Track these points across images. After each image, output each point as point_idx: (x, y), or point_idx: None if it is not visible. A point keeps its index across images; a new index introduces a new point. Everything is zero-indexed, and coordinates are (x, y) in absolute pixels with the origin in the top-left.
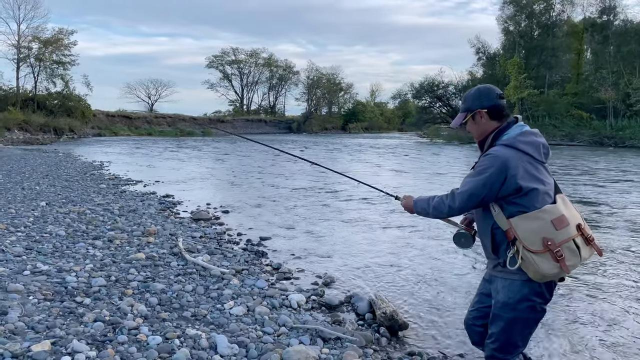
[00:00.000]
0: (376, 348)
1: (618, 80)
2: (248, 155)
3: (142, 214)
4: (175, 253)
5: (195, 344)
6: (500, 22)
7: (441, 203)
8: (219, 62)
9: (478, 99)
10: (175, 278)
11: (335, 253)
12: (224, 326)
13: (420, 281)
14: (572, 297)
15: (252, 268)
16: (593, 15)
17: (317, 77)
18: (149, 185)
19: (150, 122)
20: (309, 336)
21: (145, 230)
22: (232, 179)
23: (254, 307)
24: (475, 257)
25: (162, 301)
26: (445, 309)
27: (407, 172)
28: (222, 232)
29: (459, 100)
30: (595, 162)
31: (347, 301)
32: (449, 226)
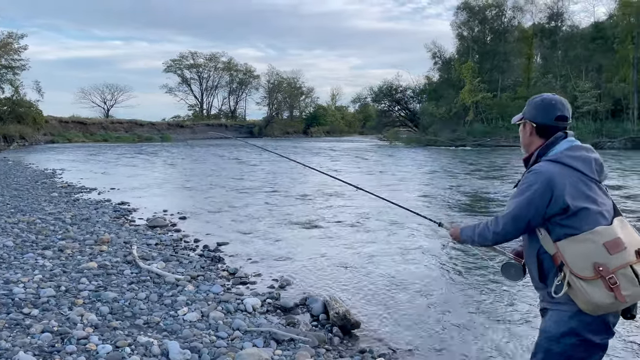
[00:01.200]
0: (329, 347)
1: (566, 84)
2: (206, 160)
3: (96, 222)
4: (129, 261)
5: (146, 351)
6: (455, 28)
7: (485, 229)
8: (177, 66)
9: (535, 110)
10: (129, 286)
11: (292, 256)
12: (177, 332)
13: (375, 281)
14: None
15: (208, 274)
16: (542, 22)
17: (278, 81)
18: (103, 193)
19: (106, 128)
20: (263, 339)
21: (98, 238)
22: (190, 185)
23: (209, 313)
24: (431, 257)
25: (113, 310)
26: (396, 307)
27: (369, 174)
28: (179, 238)
29: (417, 103)
30: None
31: (303, 303)
32: (497, 255)
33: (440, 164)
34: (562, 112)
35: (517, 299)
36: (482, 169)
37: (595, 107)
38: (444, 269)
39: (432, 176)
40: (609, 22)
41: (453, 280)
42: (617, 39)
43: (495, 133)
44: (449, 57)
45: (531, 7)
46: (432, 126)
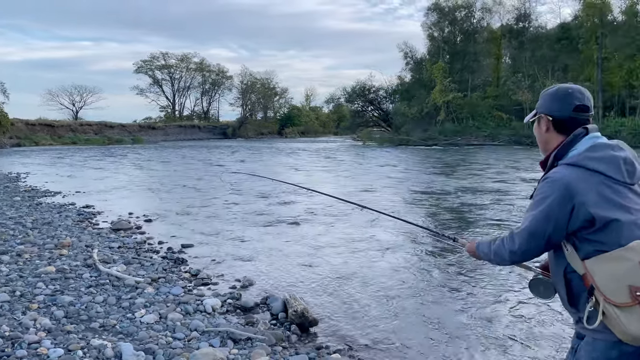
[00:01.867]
0: (286, 345)
1: (533, 83)
2: (176, 162)
3: (58, 226)
4: (89, 265)
5: (99, 354)
6: (425, 29)
7: (501, 247)
8: (148, 67)
9: (550, 101)
10: (87, 290)
11: (257, 256)
12: (133, 335)
13: (336, 279)
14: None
15: (169, 276)
16: (510, 22)
17: (251, 82)
18: (68, 196)
19: (75, 131)
20: (220, 339)
21: (59, 242)
22: (157, 187)
23: (167, 314)
24: (393, 253)
25: (69, 314)
26: (356, 304)
27: (341, 174)
28: (143, 241)
29: (389, 104)
30: (512, 159)
31: (263, 302)
32: (523, 270)
33: (411, 163)
34: (582, 101)
35: (477, 291)
36: (453, 167)
37: None
38: (406, 265)
39: (405, 176)
40: (574, 22)
41: (414, 276)
42: (581, 40)
43: (466, 132)
44: (421, 57)
45: (499, 8)
46: (405, 126)
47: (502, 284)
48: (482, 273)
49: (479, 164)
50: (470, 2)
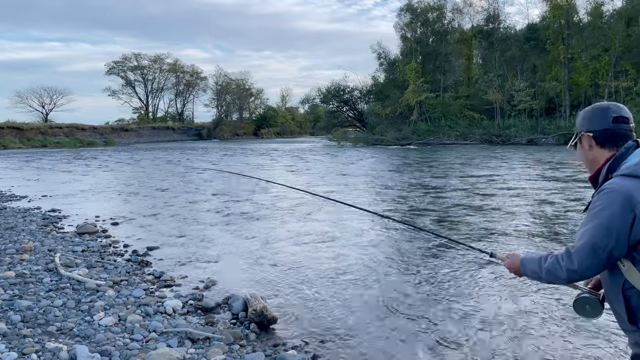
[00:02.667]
0: (244, 343)
1: (503, 83)
2: (148, 164)
3: (21, 231)
4: (50, 269)
5: (54, 356)
6: (398, 29)
7: (556, 266)
8: (120, 68)
9: (587, 119)
10: (46, 294)
11: (221, 256)
12: (90, 337)
13: (299, 277)
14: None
15: (132, 278)
16: (480, 23)
17: (226, 83)
18: (34, 201)
19: (45, 133)
20: (178, 339)
21: (20, 247)
22: (126, 190)
23: (126, 316)
24: (358, 251)
25: (26, 318)
26: (315, 301)
27: (316, 173)
28: (108, 244)
29: (364, 104)
30: (484, 157)
31: (225, 302)
32: (568, 288)
33: (384, 161)
34: (618, 112)
35: (437, 290)
36: (425, 166)
37: (531, 105)
38: (371, 262)
39: (377, 174)
40: (542, 24)
41: (377, 272)
42: (549, 40)
43: (438, 132)
44: (394, 58)
45: (469, 10)
46: (379, 126)
47: (467, 274)
48: (448, 269)
49: (449, 163)
50: (441, 4)
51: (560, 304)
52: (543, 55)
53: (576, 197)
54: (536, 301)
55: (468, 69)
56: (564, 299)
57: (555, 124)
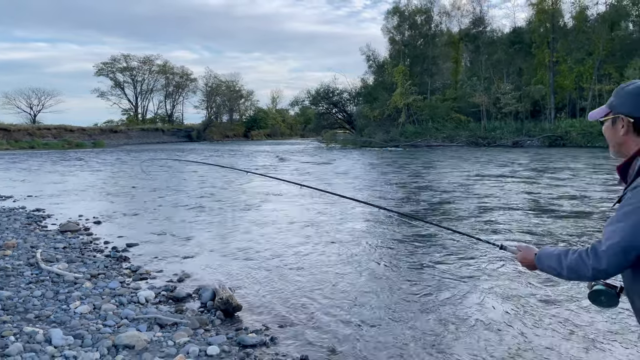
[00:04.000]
0: (209, 328)
1: (489, 86)
2: (134, 165)
3: (5, 229)
4: (31, 264)
5: (30, 338)
6: (385, 32)
7: (581, 263)
8: (109, 69)
9: (630, 100)
10: (26, 286)
11: (197, 252)
12: (66, 323)
13: (268, 269)
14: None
15: (109, 272)
16: (467, 27)
17: (216, 84)
18: (19, 201)
19: (33, 135)
20: (148, 324)
21: (3, 244)
22: (111, 190)
23: (101, 305)
24: (331, 245)
25: (6, 306)
26: (280, 292)
27: (301, 170)
28: (89, 241)
29: (354, 106)
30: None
31: (195, 293)
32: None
33: (371, 161)
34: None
35: (391, 274)
36: (412, 165)
37: (516, 108)
38: (348, 254)
39: (363, 171)
40: (528, 27)
41: (343, 262)
42: (534, 44)
43: (425, 134)
44: (383, 60)
45: (457, 13)
46: (367, 128)
47: (434, 258)
48: (418, 255)
49: (436, 163)
50: (428, 7)
51: (577, 295)
52: (529, 58)
53: (569, 193)
54: (550, 292)
55: (455, 71)
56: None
57: (540, 126)
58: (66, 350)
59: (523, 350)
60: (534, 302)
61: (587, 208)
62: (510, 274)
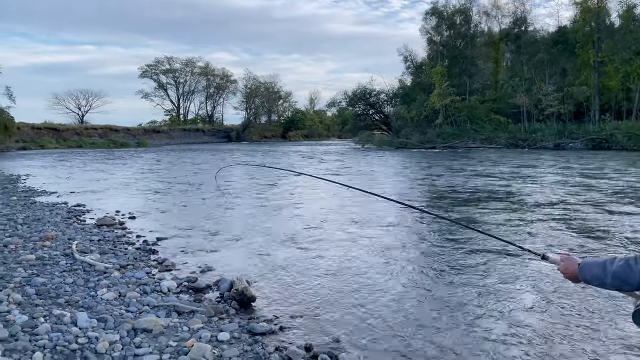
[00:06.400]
0: (223, 317)
1: (531, 87)
2: (175, 165)
3: (46, 222)
4: (67, 254)
5: (58, 320)
6: (423, 33)
7: (627, 269)
8: (153, 71)
9: None
10: (60, 274)
11: (222, 248)
12: (92, 308)
13: (285, 265)
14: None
15: (138, 263)
16: (507, 26)
17: (255, 86)
18: (62, 196)
19: (81, 134)
20: (166, 311)
21: (43, 235)
22: (148, 187)
23: (126, 293)
24: (349, 244)
25: (39, 292)
26: (296, 286)
27: (333, 170)
28: (122, 235)
29: (390, 107)
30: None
31: (215, 284)
32: (619, 294)
33: (406, 162)
34: None
35: (395, 269)
36: (449, 168)
37: (559, 109)
38: (361, 253)
39: (399, 172)
40: (571, 26)
41: (365, 262)
42: (578, 44)
43: (463, 135)
44: (421, 61)
45: (497, 13)
46: (404, 129)
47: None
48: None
49: (478, 165)
50: (467, 7)
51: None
52: (572, 58)
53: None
54: (587, 306)
55: (495, 72)
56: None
57: (583, 128)
58: (89, 332)
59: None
60: (571, 313)
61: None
62: (549, 287)
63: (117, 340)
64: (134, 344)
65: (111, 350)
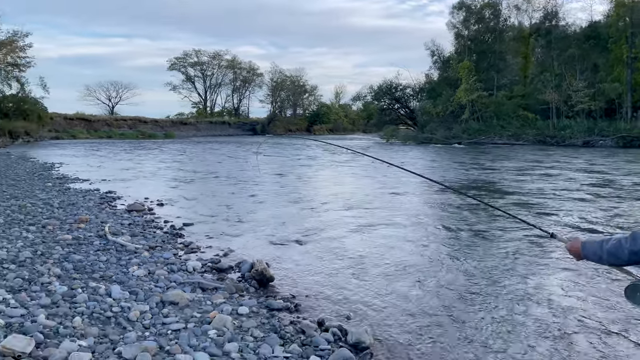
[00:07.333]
0: (243, 294)
1: (561, 83)
2: (201, 155)
3: (80, 207)
4: (100, 235)
5: (94, 292)
6: (450, 27)
7: (618, 247)
8: (181, 64)
9: None
10: (94, 252)
11: (245, 233)
12: (124, 282)
13: (304, 250)
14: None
15: (165, 245)
16: (538, 21)
17: (281, 79)
18: (94, 183)
19: (111, 125)
20: (192, 287)
21: (78, 218)
22: (176, 176)
23: (155, 271)
24: (362, 234)
25: (76, 267)
26: (314, 268)
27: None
28: (151, 220)
29: (416, 102)
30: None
31: (237, 265)
32: (619, 274)
33: (431, 156)
34: None
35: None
36: (479, 161)
37: (589, 106)
38: (384, 240)
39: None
40: (605, 21)
41: (387, 247)
42: (611, 39)
43: (490, 131)
44: (448, 55)
45: (527, 7)
46: (430, 124)
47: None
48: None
49: (504, 161)
50: (496, 1)
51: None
52: (604, 54)
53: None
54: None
55: (525, 67)
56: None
57: (614, 125)
58: (122, 302)
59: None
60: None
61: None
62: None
63: (147, 311)
64: (162, 314)
65: (142, 319)
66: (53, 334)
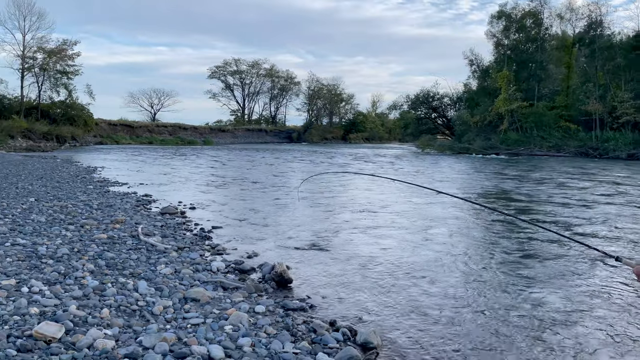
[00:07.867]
0: (262, 294)
1: (605, 94)
2: (237, 162)
3: (117, 209)
4: (134, 235)
5: (122, 286)
6: (489, 37)
7: None
8: (221, 72)
9: None
10: (127, 251)
11: (270, 238)
12: (152, 279)
13: (324, 256)
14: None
15: (193, 247)
16: (581, 30)
17: (318, 88)
18: (133, 187)
19: (152, 131)
20: (214, 286)
21: (114, 219)
22: (210, 182)
23: (181, 270)
24: (387, 238)
25: (109, 264)
26: (328, 272)
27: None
28: (182, 222)
29: (454, 111)
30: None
31: (258, 267)
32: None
33: (463, 168)
34: None
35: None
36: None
37: (635, 117)
38: (407, 250)
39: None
40: None
41: (410, 256)
42: None
43: (529, 142)
44: (487, 65)
45: (570, 16)
46: (467, 134)
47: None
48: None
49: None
50: (537, 10)
51: None
52: None
53: None
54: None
55: (567, 77)
56: None
57: None
58: (148, 297)
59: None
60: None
61: None
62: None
63: (170, 306)
64: (184, 310)
65: (164, 313)
66: (82, 323)
